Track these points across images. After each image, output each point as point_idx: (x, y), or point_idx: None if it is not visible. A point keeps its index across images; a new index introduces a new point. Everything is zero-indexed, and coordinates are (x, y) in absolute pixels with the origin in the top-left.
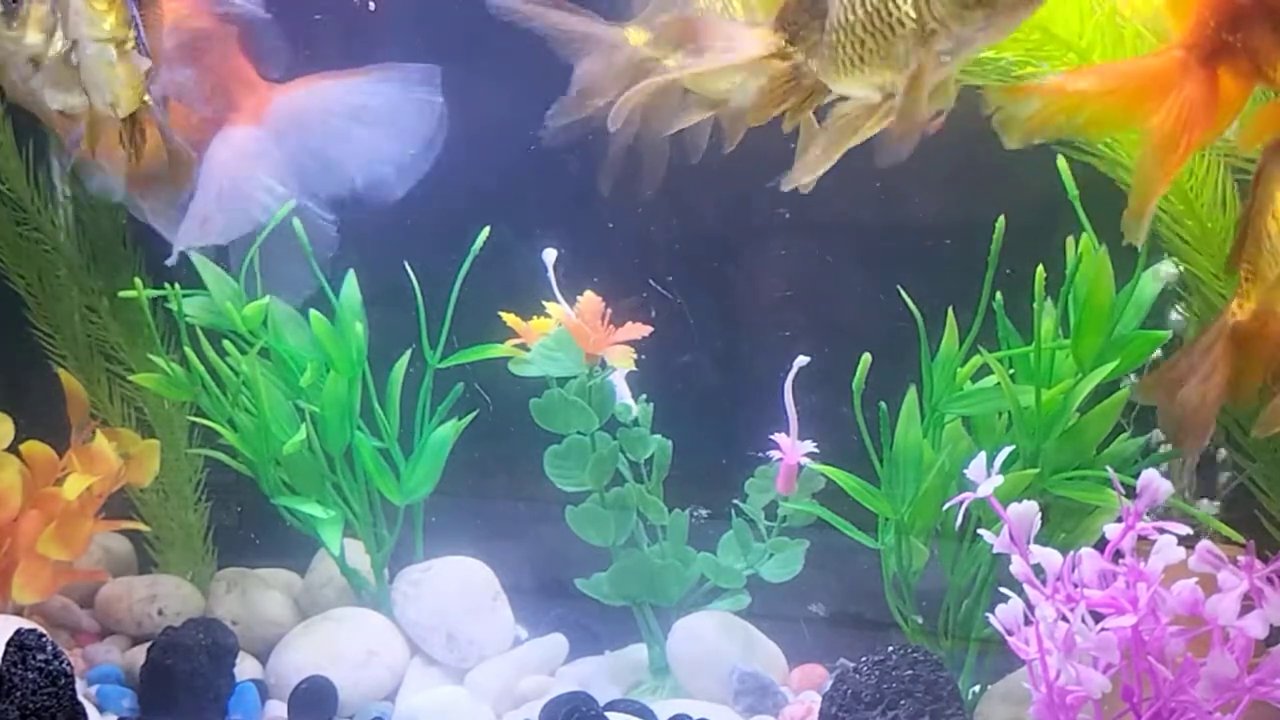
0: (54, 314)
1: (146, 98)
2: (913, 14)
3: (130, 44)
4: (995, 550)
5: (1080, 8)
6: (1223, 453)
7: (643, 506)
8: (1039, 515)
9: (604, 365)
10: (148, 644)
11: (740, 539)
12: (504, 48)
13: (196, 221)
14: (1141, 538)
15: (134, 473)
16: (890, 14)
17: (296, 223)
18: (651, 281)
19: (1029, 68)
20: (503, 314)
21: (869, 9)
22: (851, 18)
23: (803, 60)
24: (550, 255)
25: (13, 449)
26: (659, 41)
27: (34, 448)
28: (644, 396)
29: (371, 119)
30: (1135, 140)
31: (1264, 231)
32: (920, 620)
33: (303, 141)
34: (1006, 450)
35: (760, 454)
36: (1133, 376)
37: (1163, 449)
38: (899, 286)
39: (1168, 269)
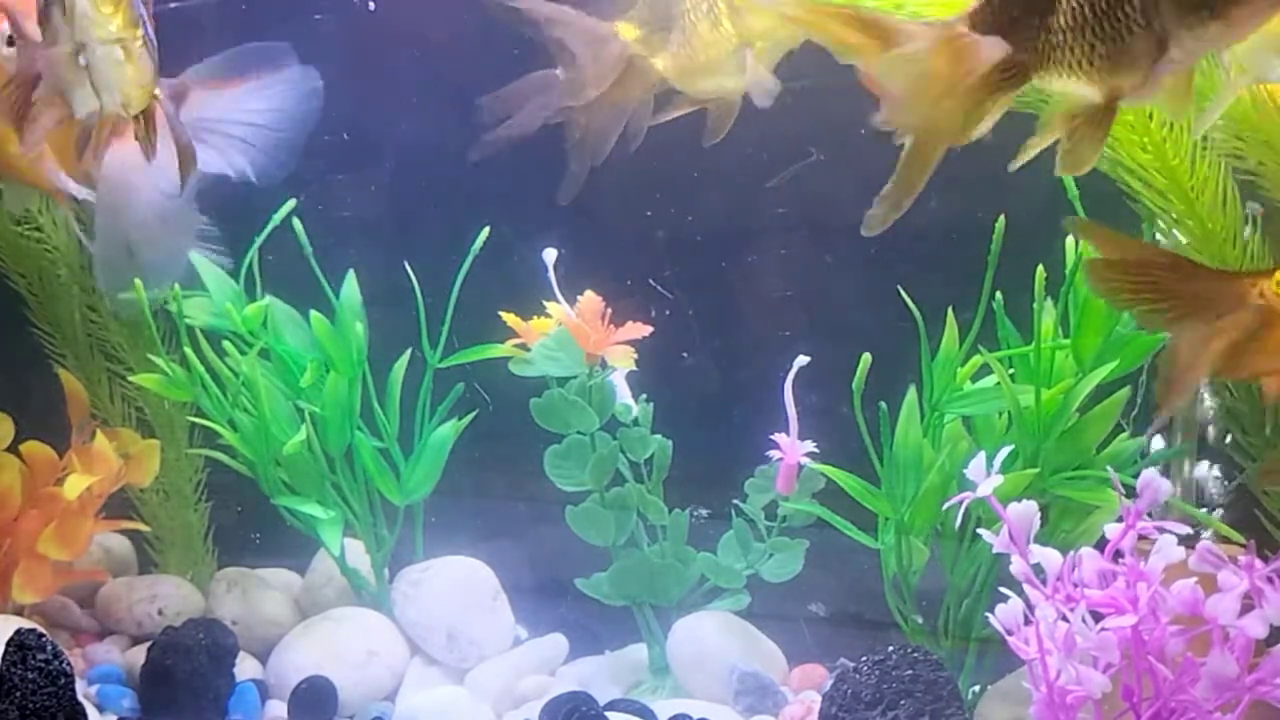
0: (54, 314)
1: (157, 92)
2: (1142, 20)
3: (139, 43)
4: (995, 550)
5: None
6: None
7: (643, 506)
8: (1038, 515)
9: (604, 365)
10: (148, 644)
11: (740, 539)
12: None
13: (113, 258)
14: (1142, 537)
15: (134, 473)
16: (1123, 18)
17: (297, 224)
18: (651, 281)
19: None
20: (503, 314)
21: (1099, 12)
22: (1083, 20)
23: (1014, 56)
24: (550, 255)
25: (13, 449)
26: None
27: (34, 448)
28: (644, 396)
29: (252, 111)
30: (1136, 140)
31: None
32: (920, 620)
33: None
34: (1006, 450)
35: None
36: None
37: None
38: (899, 286)
39: None
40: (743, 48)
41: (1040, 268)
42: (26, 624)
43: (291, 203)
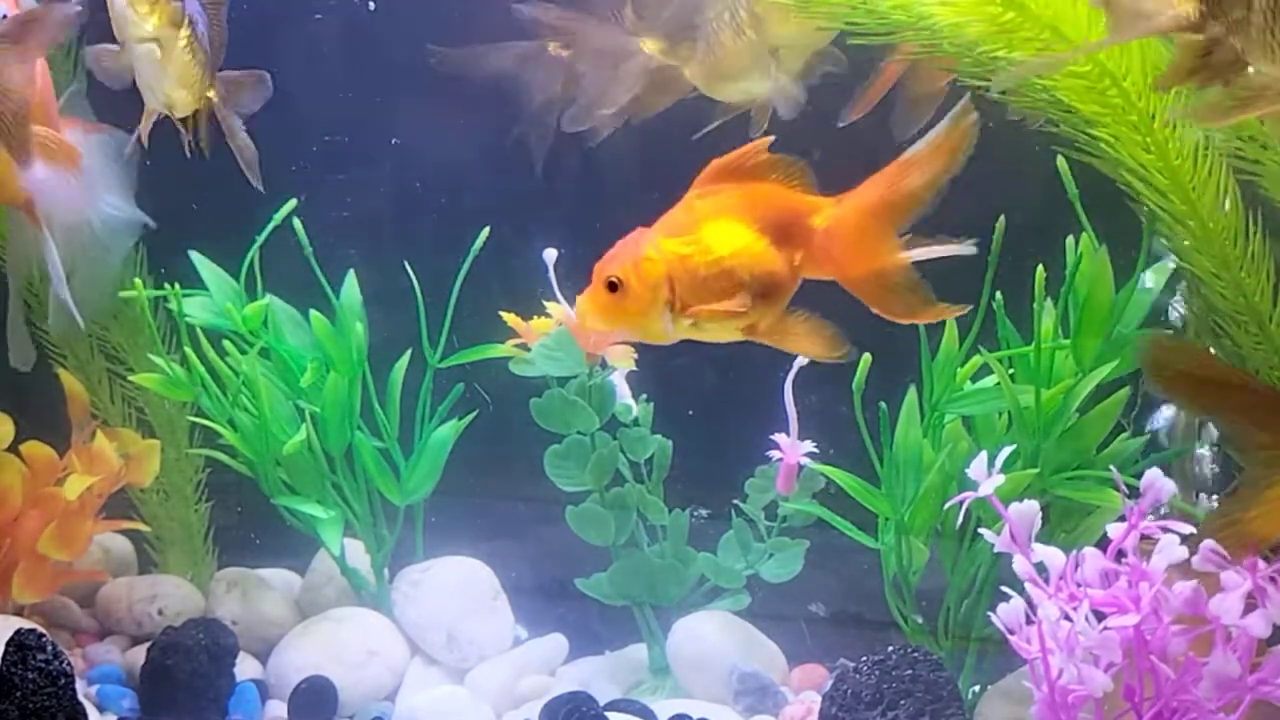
0: None
1: (210, 93)
2: None
3: (182, 43)
4: (997, 550)
5: None
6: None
7: (643, 506)
8: (1039, 514)
9: (604, 365)
10: (148, 644)
11: (740, 539)
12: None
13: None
14: (1144, 537)
15: (134, 473)
16: None
17: (297, 224)
18: None
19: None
20: (503, 314)
21: None
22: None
23: (1221, 34)
24: (550, 255)
25: (13, 449)
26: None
27: (34, 448)
28: (644, 396)
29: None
30: (1139, 141)
31: None
32: (920, 620)
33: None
34: (1007, 450)
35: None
36: None
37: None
38: None
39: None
40: (766, 53)
41: (1040, 268)
42: (26, 624)
43: (292, 203)
